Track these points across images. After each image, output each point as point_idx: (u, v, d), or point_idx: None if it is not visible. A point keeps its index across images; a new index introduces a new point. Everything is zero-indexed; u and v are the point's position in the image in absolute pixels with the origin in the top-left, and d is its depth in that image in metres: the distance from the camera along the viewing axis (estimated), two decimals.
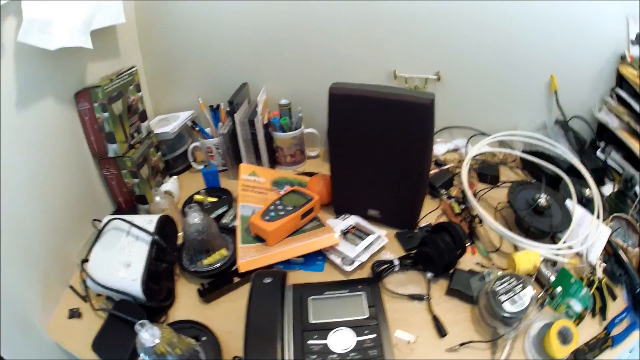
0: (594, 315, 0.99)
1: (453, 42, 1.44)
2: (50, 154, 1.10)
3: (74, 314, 1.06)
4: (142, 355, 0.76)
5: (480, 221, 1.23)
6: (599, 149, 1.41)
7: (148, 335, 0.74)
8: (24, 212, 0.99)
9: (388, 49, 1.49)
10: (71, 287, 1.13)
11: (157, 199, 1.25)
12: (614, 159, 1.36)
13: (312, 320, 0.94)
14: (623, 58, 1.36)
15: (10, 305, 0.93)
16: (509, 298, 0.92)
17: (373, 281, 1.06)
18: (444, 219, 1.31)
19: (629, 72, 1.31)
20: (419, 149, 1.10)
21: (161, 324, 0.79)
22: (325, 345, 0.89)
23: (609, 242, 1.10)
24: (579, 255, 1.11)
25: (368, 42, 1.48)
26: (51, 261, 1.09)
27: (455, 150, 1.64)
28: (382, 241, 1.20)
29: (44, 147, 1.07)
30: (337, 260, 1.15)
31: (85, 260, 1.07)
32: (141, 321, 0.74)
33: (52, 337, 1.03)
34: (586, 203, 1.22)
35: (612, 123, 1.36)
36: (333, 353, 0.87)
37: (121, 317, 0.99)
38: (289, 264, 1.17)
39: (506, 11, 1.35)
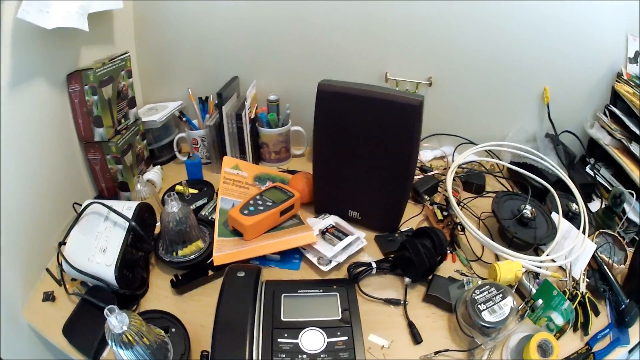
0: (575, 329, 0.98)
1: (447, 48, 1.44)
2: (37, 135, 1.08)
3: (48, 297, 1.05)
4: (110, 342, 0.75)
5: (463, 229, 1.22)
6: (589, 165, 1.41)
7: (116, 321, 0.72)
8: (5, 193, 0.97)
9: (381, 51, 1.49)
10: (47, 270, 1.12)
11: (139, 186, 1.24)
12: (604, 176, 1.37)
13: (283, 318, 0.93)
14: (619, 75, 1.38)
15: None
16: (488, 307, 0.92)
17: (349, 283, 1.05)
18: (425, 224, 1.31)
19: (624, 90, 1.33)
20: (405, 151, 1.09)
21: (131, 312, 0.77)
22: (296, 344, 0.88)
23: (594, 257, 1.10)
24: (562, 268, 1.11)
25: (361, 43, 1.47)
26: (31, 243, 1.08)
27: (442, 157, 1.64)
28: (361, 243, 1.19)
29: (31, 128, 1.06)
30: (314, 260, 1.14)
31: (63, 243, 1.06)
32: (110, 306, 0.72)
33: (27, 320, 1.02)
34: (572, 217, 1.23)
35: (604, 139, 1.37)
36: (303, 353, 0.86)
37: (93, 302, 0.98)
38: (265, 260, 1.16)
39: (503, 20, 1.36)
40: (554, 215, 1.21)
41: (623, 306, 0.99)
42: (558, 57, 1.40)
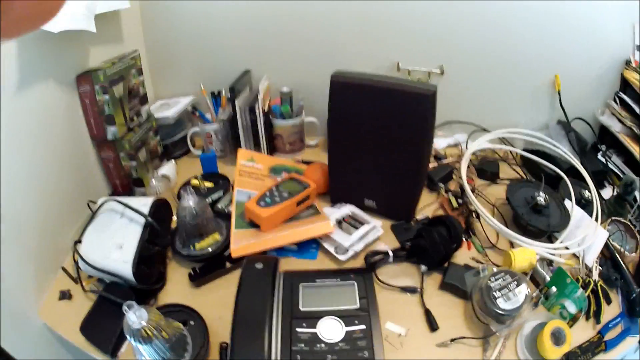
0: (587, 318, 0.98)
1: (458, 36, 1.44)
2: (49, 136, 1.09)
3: (65, 295, 1.05)
4: (128, 337, 0.75)
5: (478, 216, 1.22)
6: (600, 152, 1.40)
7: (135, 317, 0.73)
8: (18, 194, 0.98)
9: (392, 40, 1.48)
10: (63, 269, 1.12)
11: (154, 182, 1.25)
12: (615, 163, 1.36)
13: (302, 308, 0.93)
14: (628, 63, 1.37)
15: (3, 289, 0.92)
16: (503, 295, 0.91)
17: (366, 271, 1.05)
18: (440, 212, 1.30)
19: (633, 77, 1.32)
20: (419, 141, 1.09)
21: (149, 307, 0.77)
22: (314, 334, 0.88)
23: (606, 245, 1.09)
24: (575, 256, 1.10)
25: (372, 33, 1.47)
26: (45, 243, 1.07)
27: (456, 145, 1.63)
28: (377, 232, 1.19)
29: (42, 129, 1.06)
30: (331, 249, 1.14)
31: (78, 242, 1.06)
32: (128, 302, 0.72)
33: (43, 319, 1.02)
34: (585, 205, 1.21)
35: (615, 127, 1.36)
36: (322, 342, 0.87)
37: (110, 299, 0.99)
38: (282, 250, 1.16)
39: (514, 8, 1.35)
40: (566, 202, 1.20)
41: (634, 295, 0.98)
42: (568, 46, 1.39)
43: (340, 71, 1.11)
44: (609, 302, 1.00)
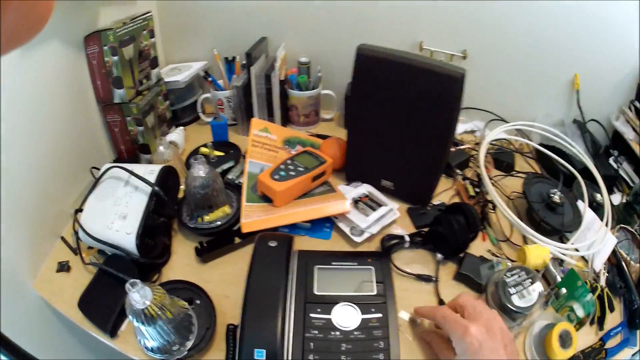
0: (592, 323, 0.95)
1: (484, 22, 1.40)
2: (52, 97, 1.04)
3: (63, 267, 1.00)
4: (130, 318, 0.71)
5: (494, 207, 1.19)
6: (612, 157, 1.38)
7: (138, 296, 0.68)
8: (17, 156, 0.93)
9: (417, 18, 1.43)
10: (62, 239, 1.08)
11: (161, 148, 1.20)
12: (625, 170, 1.34)
13: (316, 292, 0.89)
14: None
15: None
16: (517, 292, 0.89)
17: (383, 256, 1.01)
18: (456, 199, 1.27)
19: None
20: (444, 124, 1.04)
21: (153, 284, 0.74)
22: (329, 320, 0.84)
23: (613, 252, 1.07)
24: (584, 259, 1.07)
25: (398, 9, 1.42)
26: (43, 210, 1.03)
27: (472, 131, 1.60)
28: (394, 214, 1.14)
29: (45, 90, 1.01)
30: (347, 230, 1.10)
31: (79, 210, 1.02)
32: (132, 280, 0.68)
33: (39, 293, 0.97)
34: (596, 208, 1.19)
35: (628, 134, 1.35)
36: (336, 330, 0.83)
37: (111, 273, 0.94)
38: (294, 228, 1.12)
39: (542, 4, 1.31)
40: (579, 203, 1.17)
41: (635, 306, 0.96)
42: (591, 47, 1.37)
43: (366, 44, 1.06)
44: (612, 309, 0.98)
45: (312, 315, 0.85)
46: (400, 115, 1.07)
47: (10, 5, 0.33)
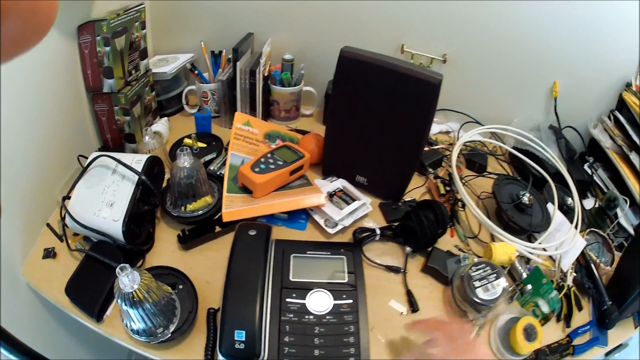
0: (558, 320, 1.01)
1: (465, 28, 1.44)
2: (42, 84, 1.05)
3: (49, 253, 1.02)
4: (118, 301, 0.75)
5: (463, 206, 1.24)
6: (587, 163, 1.42)
7: (128, 280, 0.73)
8: (4, 142, 0.92)
9: (400, 21, 1.47)
10: (48, 225, 1.10)
11: (147, 138, 1.23)
12: (600, 177, 1.38)
13: (292, 278, 0.95)
14: (628, 85, 1.40)
15: None
16: (482, 285, 0.94)
17: (355, 247, 1.06)
18: (427, 196, 1.32)
19: (631, 100, 1.35)
20: (419, 125, 1.10)
21: (140, 269, 0.77)
22: (303, 305, 0.90)
23: (582, 254, 1.12)
24: (551, 258, 1.13)
25: (381, 11, 1.45)
26: (32, 196, 1.04)
27: (448, 132, 1.64)
28: (366, 209, 1.20)
29: (35, 77, 1.02)
30: (321, 222, 1.15)
31: (67, 198, 1.03)
32: (122, 265, 0.72)
33: (26, 278, 0.99)
34: (567, 211, 1.24)
35: (605, 142, 1.39)
36: (310, 314, 0.88)
37: (98, 259, 0.97)
38: (272, 218, 1.17)
39: (524, 9, 1.35)
40: (549, 205, 1.22)
41: (605, 307, 1.01)
42: (572, 56, 1.41)
43: (349, 47, 1.10)
44: (580, 308, 1.04)
45: (288, 300, 0.90)
46: (377, 115, 1.12)
47: (12, 9, 0.30)
